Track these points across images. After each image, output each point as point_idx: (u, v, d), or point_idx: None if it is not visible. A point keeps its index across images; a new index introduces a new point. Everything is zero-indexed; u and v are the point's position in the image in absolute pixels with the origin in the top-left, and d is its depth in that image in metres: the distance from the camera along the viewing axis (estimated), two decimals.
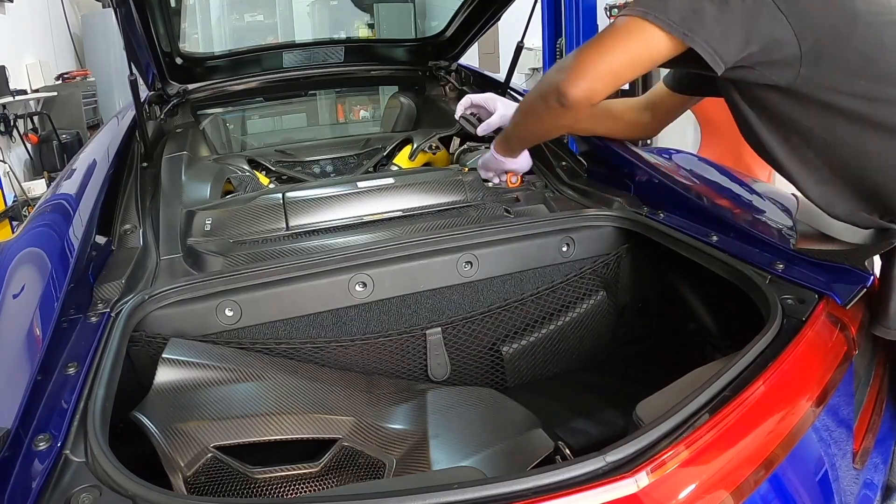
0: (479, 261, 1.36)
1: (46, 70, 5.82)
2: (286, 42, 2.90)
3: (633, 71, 1.15)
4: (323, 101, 3.01)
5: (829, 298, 1.08)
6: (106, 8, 6.05)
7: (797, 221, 1.30)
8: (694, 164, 1.71)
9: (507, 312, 1.42)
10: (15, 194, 5.03)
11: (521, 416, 1.19)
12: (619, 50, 1.13)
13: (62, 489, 0.75)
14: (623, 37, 1.12)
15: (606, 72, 1.15)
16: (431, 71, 2.45)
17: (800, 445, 0.89)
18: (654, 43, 1.10)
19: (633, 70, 1.15)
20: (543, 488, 0.72)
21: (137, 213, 1.49)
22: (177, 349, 1.11)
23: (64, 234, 1.30)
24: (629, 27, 1.12)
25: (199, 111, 2.27)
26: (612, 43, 1.13)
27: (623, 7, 4.68)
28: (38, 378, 0.91)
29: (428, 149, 2.09)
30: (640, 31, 1.10)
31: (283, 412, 1.06)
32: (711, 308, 1.40)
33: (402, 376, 1.36)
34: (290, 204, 1.47)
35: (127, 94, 1.80)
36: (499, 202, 1.57)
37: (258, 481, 1.00)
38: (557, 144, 1.89)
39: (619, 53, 1.13)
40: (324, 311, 1.28)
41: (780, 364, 0.93)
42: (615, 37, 1.13)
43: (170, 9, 1.80)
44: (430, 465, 1.04)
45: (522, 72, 6.11)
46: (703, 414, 0.83)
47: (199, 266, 1.31)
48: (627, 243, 1.48)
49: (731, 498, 0.78)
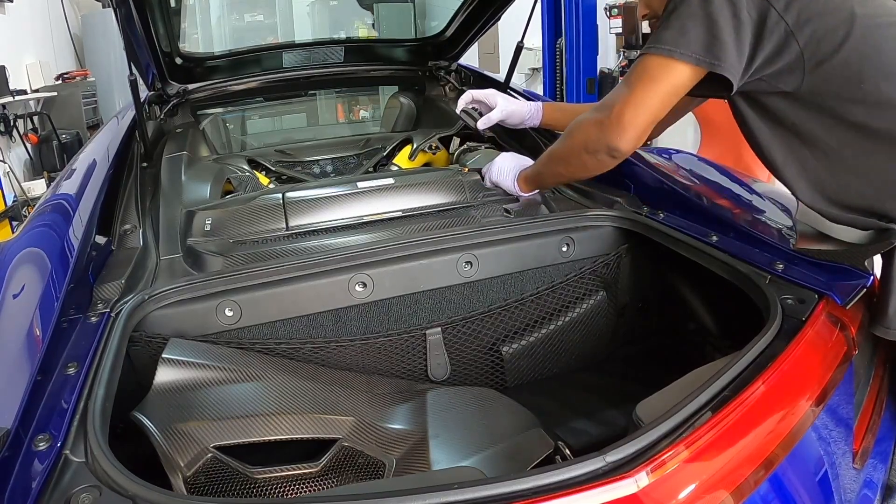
0: (478, 261, 1.36)
1: (46, 70, 5.82)
2: (286, 42, 2.89)
3: (667, 108, 1.20)
4: (323, 101, 3.00)
5: (829, 298, 1.08)
6: (106, 8, 6.05)
7: (797, 221, 1.30)
8: (694, 164, 1.71)
9: (507, 312, 1.42)
10: (15, 194, 5.03)
11: (521, 416, 1.19)
12: (655, 95, 1.17)
13: (62, 489, 0.75)
14: (656, 81, 1.16)
15: (648, 120, 1.20)
16: (431, 71, 2.45)
17: (800, 445, 0.89)
18: (682, 79, 1.14)
19: (667, 107, 1.19)
20: (543, 488, 0.72)
21: (137, 213, 1.49)
22: (177, 349, 1.11)
23: (64, 234, 1.30)
24: (659, 69, 1.15)
25: (198, 111, 2.27)
26: (648, 90, 1.17)
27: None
28: (38, 378, 0.91)
29: (428, 149, 2.09)
30: (668, 71, 1.14)
31: (282, 412, 1.06)
32: (711, 308, 1.40)
33: (402, 376, 1.36)
34: (289, 204, 1.47)
35: (127, 94, 1.80)
36: (499, 202, 1.57)
37: (258, 481, 1.00)
38: None
39: (655, 99, 1.17)
40: (324, 312, 1.28)
41: (780, 364, 0.93)
42: (649, 83, 1.16)
43: (170, 9, 1.80)
44: (430, 465, 1.04)
45: (522, 72, 6.12)
46: (704, 414, 0.83)
47: (199, 266, 1.31)
48: (627, 243, 1.48)
49: (731, 498, 0.78)
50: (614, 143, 1.22)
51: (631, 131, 1.20)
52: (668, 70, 1.13)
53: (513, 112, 1.75)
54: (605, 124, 1.23)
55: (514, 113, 1.75)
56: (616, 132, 1.21)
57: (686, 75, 1.13)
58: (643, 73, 1.17)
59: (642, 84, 1.17)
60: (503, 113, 1.74)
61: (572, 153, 1.36)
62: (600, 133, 1.24)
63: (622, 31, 5.40)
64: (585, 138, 1.29)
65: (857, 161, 1.12)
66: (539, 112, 1.77)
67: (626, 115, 1.19)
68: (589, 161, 1.32)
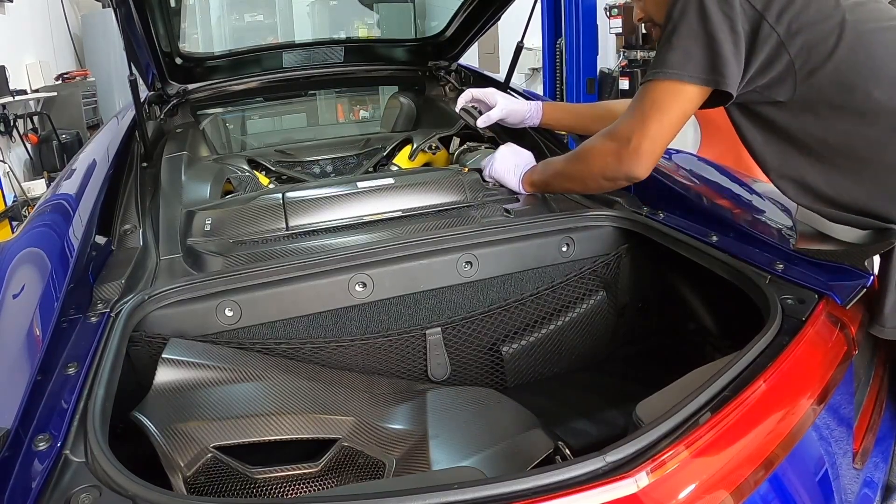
0: (478, 261, 1.36)
1: (46, 70, 5.82)
2: (286, 42, 2.89)
3: (680, 129, 1.22)
4: (323, 101, 3.01)
5: (829, 298, 1.09)
6: (106, 8, 6.05)
7: (797, 221, 1.30)
8: (694, 164, 1.71)
9: (507, 312, 1.42)
10: (15, 194, 5.03)
11: (521, 416, 1.19)
12: (668, 121, 1.19)
13: (62, 489, 0.75)
14: (668, 107, 1.17)
15: (664, 146, 1.23)
16: (431, 71, 2.45)
17: (800, 445, 0.89)
18: (692, 100, 1.16)
19: (680, 128, 1.21)
20: (543, 488, 0.72)
21: (137, 214, 1.49)
22: (177, 349, 1.11)
23: (64, 234, 1.30)
24: (670, 95, 1.16)
25: (198, 111, 2.26)
26: (662, 118, 1.18)
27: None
28: (38, 378, 0.90)
29: (428, 149, 2.09)
30: (679, 95, 1.15)
31: (282, 412, 1.06)
32: (711, 308, 1.40)
33: (402, 376, 1.36)
34: (289, 204, 1.47)
35: (127, 94, 1.80)
36: (499, 202, 1.57)
37: (258, 481, 1.00)
38: (557, 145, 1.89)
39: (669, 125, 1.19)
40: (324, 311, 1.28)
41: (780, 364, 0.93)
42: (662, 111, 1.18)
43: (170, 9, 1.80)
44: (430, 465, 1.04)
45: (522, 72, 6.12)
46: (703, 414, 0.83)
47: (199, 266, 1.31)
48: (627, 243, 1.48)
49: (731, 498, 0.78)
50: (634, 172, 1.25)
51: (649, 159, 1.23)
52: (678, 94, 1.15)
53: (513, 111, 1.76)
54: (624, 156, 1.24)
55: (514, 112, 1.76)
56: (635, 163, 1.24)
57: (695, 95, 1.15)
58: (655, 100, 1.18)
59: (656, 112, 1.18)
60: (503, 111, 1.75)
61: (588, 177, 1.38)
62: (619, 164, 1.26)
63: (622, 31, 5.40)
64: (603, 166, 1.31)
65: (850, 167, 1.13)
66: (539, 111, 1.77)
67: (643, 146, 1.21)
68: (606, 184, 1.37)
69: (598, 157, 1.32)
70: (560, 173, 1.49)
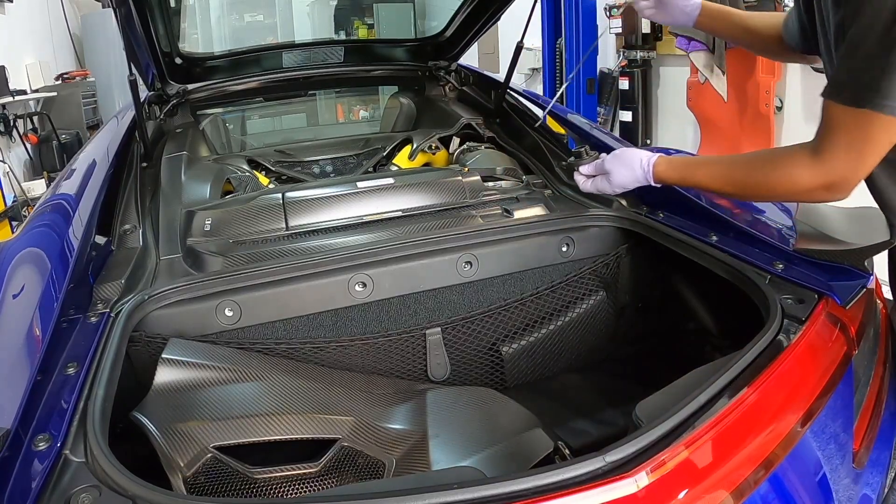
0: (478, 261, 1.36)
1: (46, 70, 5.81)
2: (286, 42, 2.90)
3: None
4: (323, 101, 3.01)
5: (829, 298, 1.08)
6: (106, 8, 6.05)
7: (797, 221, 1.30)
8: None
9: (507, 312, 1.42)
10: (15, 194, 5.03)
11: (521, 416, 1.19)
12: (879, 154, 1.07)
13: (62, 489, 0.75)
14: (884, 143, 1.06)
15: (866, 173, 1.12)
16: (431, 71, 2.45)
17: (799, 445, 0.89)
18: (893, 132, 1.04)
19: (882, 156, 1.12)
20: (543, 488, 0.72)
21: (137, 214, 1.49)
22: (176, 349, 1.11)
23: (64, 234, 1.30)
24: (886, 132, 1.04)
25: (198, 111, 2.26)
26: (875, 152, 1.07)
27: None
28: (38, 378, 0.91)
29: (427, 149, 2.09)
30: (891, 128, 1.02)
31: (282, 412, 1.06)
32: (711, 308, 1.40)
33: (401, 376, 1.36)
34: (289, 204, 1.47)
35: (127, 94, 1.80)
36: (499, 202, 1.57)
37: (258, 481, 1.00)
38: (557, 144, 1.89)
39: (878, 157, 1.08)
40: (323, 312, 1.28)
41: (780, 364, 0.93)
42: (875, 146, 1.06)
43: (170, 9, 1.80)
44: (430, 465, 1.04)
45: (522, 72, 6.11)
46: (703, 414, 0.83)
47: (198, 266, 1.31)
48: (627, 243, 1.48)
49: (730, 498, 0.78)
50: (839, 199, 1.15)
51: (855, 182, 1.12)
52: (891, 128, 1.02)
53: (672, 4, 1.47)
54: (834, 190, 1.12)
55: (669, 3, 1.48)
56: (844, 194, 1.14)
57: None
58: (872, 137, 1.05)
59: (872, 149, 1.06)
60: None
61: (774, 194, 1.24)
62: (827, 194, 1.15)
63: (622, 31, 5.40)
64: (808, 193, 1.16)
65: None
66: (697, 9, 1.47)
67: (854, 181, 1.11)
68: (793, 198, 1.29)
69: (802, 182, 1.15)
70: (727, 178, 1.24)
